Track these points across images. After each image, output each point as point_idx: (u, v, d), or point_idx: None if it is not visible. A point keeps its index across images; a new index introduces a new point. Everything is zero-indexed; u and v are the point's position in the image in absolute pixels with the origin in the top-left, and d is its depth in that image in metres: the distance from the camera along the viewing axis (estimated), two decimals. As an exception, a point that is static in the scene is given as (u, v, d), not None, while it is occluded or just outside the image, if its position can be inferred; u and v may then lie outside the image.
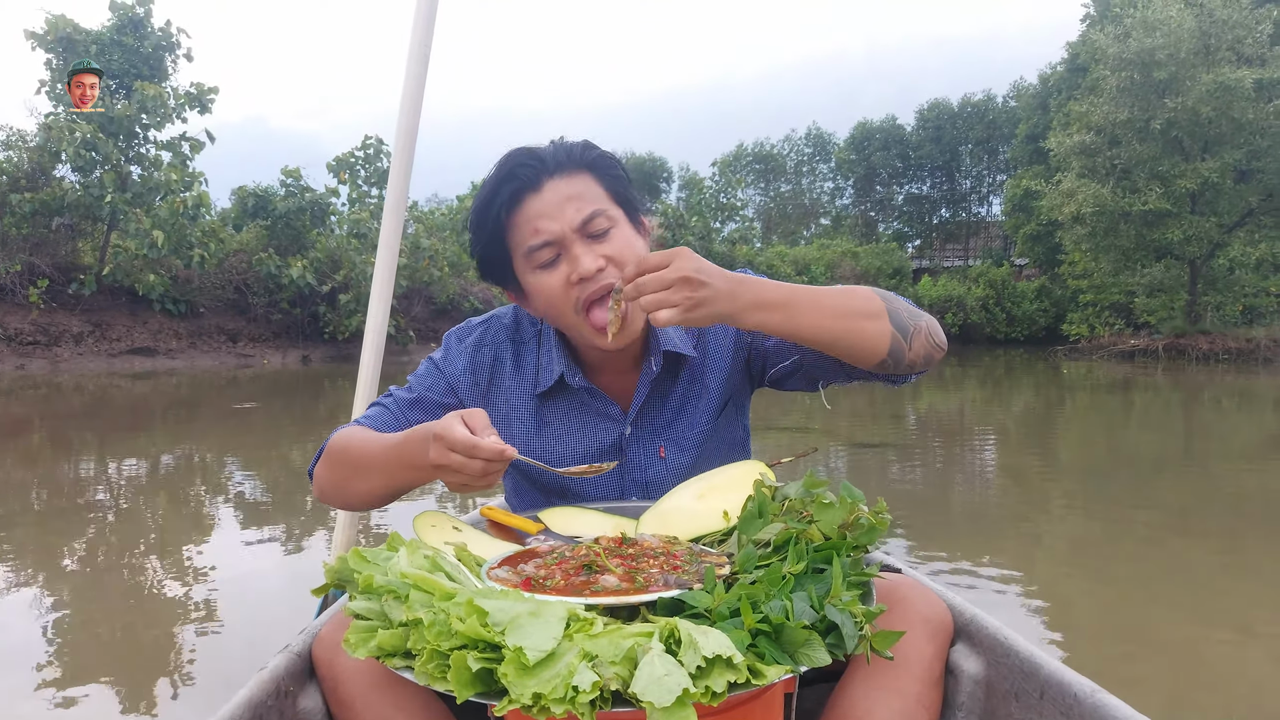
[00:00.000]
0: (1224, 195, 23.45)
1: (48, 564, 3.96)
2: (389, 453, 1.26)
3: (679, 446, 1.52)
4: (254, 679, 1.15)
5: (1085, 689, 1.13)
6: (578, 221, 1.32)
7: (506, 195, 1.33)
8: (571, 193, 1.33)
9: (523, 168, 1.33)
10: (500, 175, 1.35)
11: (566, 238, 1.32)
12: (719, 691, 0.80)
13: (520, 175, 1.33)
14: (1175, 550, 4.38)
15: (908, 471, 6.66)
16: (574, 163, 1.35)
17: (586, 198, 1.34)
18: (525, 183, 1.33)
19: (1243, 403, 13.04)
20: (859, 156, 46.71)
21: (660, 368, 1.48)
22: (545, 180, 1.33)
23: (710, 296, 1.17)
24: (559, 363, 1.47)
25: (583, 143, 1.39)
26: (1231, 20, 22.01)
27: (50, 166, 18.43)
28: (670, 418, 1.51)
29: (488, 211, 1.35)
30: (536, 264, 1.34)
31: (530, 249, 1.34)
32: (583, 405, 1.50)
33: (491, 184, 1.36)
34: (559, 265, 1.34)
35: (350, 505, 1.42)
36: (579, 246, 1.32)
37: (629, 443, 1.50)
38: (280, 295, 20.50)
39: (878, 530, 1.10)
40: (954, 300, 32.83)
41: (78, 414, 10.48)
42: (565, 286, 1.33)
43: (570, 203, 1.32)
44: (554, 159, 1.34)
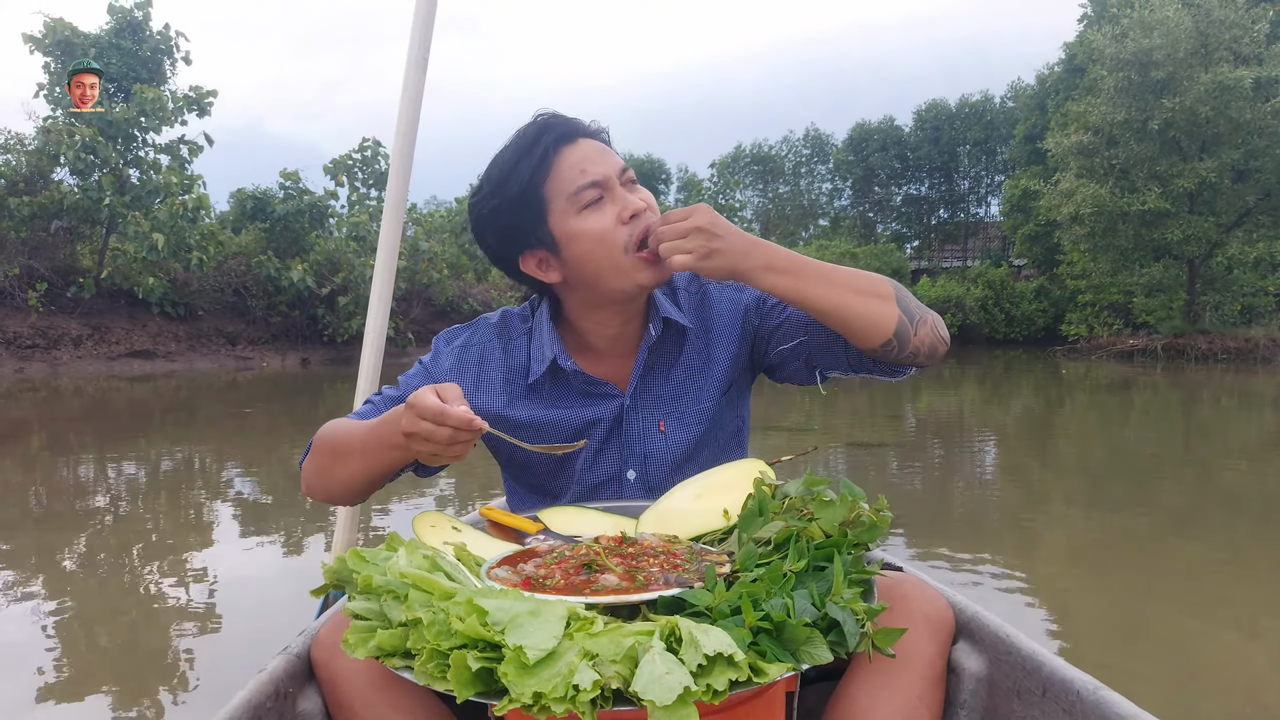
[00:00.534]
0: (1222, 195, 23.46)
1: (47, 567, 3.96)
2: (367, 435, 1.30)
3: (680, 422, 1.52)
4: (253, 681, 1.14)
5: (1088, 686, 1.13)
6: (618, 168, 1.39)
7: (551, 140, 1.36)
8: (602, 149, 1.40)
9: (557, 121, 1.39)
10: (537, 128, 1.38)
11: (611, 180, 1.37)
12: (720, 690, 0.80)
13: (557, 127, 1.38)
14: (1175, 549, 4.38)
15: (907, 471, 6.66)
16: (593, 133, 1.42)
17: (614, 155, 1.41)
18: (565, 134, 1.38)
19: (1241, 402, 13.05)
20: (857, 157, 46.69)
21: (659, 333, 1.49)
22: (579, 137, 1.39)
23: (723, 249, 1.26)
24: (551, 348, 1.47)
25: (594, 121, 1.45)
26: (1228, 20, 22.03)
27: (49, 170, 18.41)
28: (673, 392, 1.52)
29: (524, 160, 1.37)
30: (582, 204, 1.36)
31: (578, 189, 1.35)
32: (577, 390, 1.50)
33: (528, 137, 1.38)
34: (604, 206, 1.36)
35: (333, 494, 1.43)
36: (621, 191, 1.38)
37: (628, 414, 1.50)
38: (279, 298, 20.49)
39: (879, 528, 1.10)
40: (953, 301, 32.81)
41: (77, 417, 10.47)
42: (615, 224, 1.36)
43: (605, 154, 1.39)
44: (579, 124, 1.41)
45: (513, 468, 1.60)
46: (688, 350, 1.53)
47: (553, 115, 1.41)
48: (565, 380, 1.49)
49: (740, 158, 48.86)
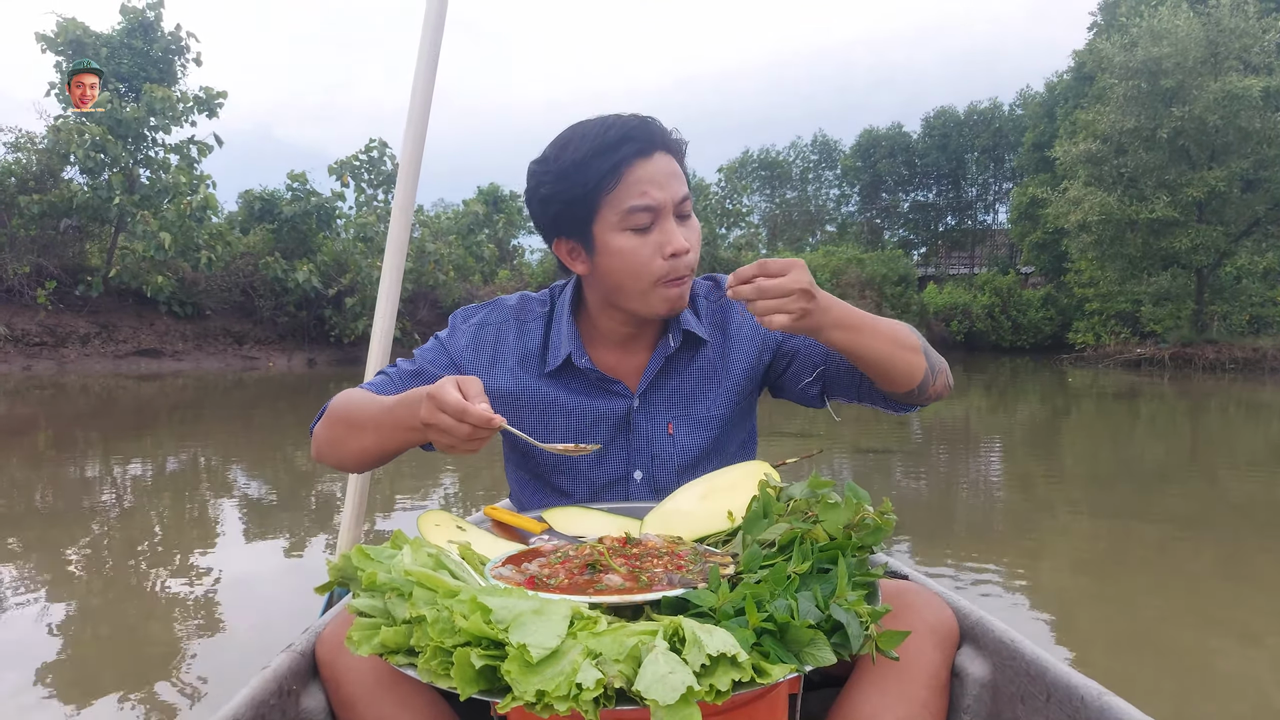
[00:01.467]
0: (1231, 204, 23.41)
1: (53, 564, 3.97)
2: (383, 413, 1.29)
3: (689, 426, 1.52)
4: (256, 678, 1.14)
5: (1092, 691, 1.13)
6: (678, 197, 1.37)
7: (627, 153, 1.33)
8: (673, 170, 1.38)
9: (642, 131, 1.35)
10: (618, 134, 1.34)
11: (666, 209, 1.35)
12: (723, 690, 0.80)
13: (639, 137, 1.34)
14: (1181, 558, 4.37)
15: (913, 477, 6.65)
16: (672, 147, 1.39)
17: (682, 179, 1.39)
18: (644, 146, 1.35)
19: (1249, 412, 13.00)
20: (865, 164, 46.69)
21: (678, 345, 1.50)
22: (657, 149, 1.36)
23: (815, 310, 1.25)
24: (569, 343, 1.48)
25: (675, 130, 1.42)
26: (1238, 29, 21.99)
27: (59, 168, 18.50)
28: (684, 396, 1.53)
29: (595, 163, 1.34)
30: (631, 225, 1.35)
31: (632, 208, 1.34)
32: (589, 384, 1.51)
33: (607, 137, 1.34)
34: (649, 233, 1.36)
35: (344, 463, 1.44)
36: (670, 223, 1.36)
37: (636, 415, 1.51)
38: (286, 298, 20.55)
39: (883, 530, 1.09)
40: (960, 308, 32.78)
41: (84, 415, 10.50)
42: (652, 256, 1.36)
43: (674, 178, 1.37)
44: (662, 134, 1.38)
45: (515, 456, 1.61)
46: (701, 358, 1.54)
47: (638, 124, 1.36)
48: (579, 373, 1.51)
49: (748, 163, 48.87)
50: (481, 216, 25.53)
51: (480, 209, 25.73)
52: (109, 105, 18.25)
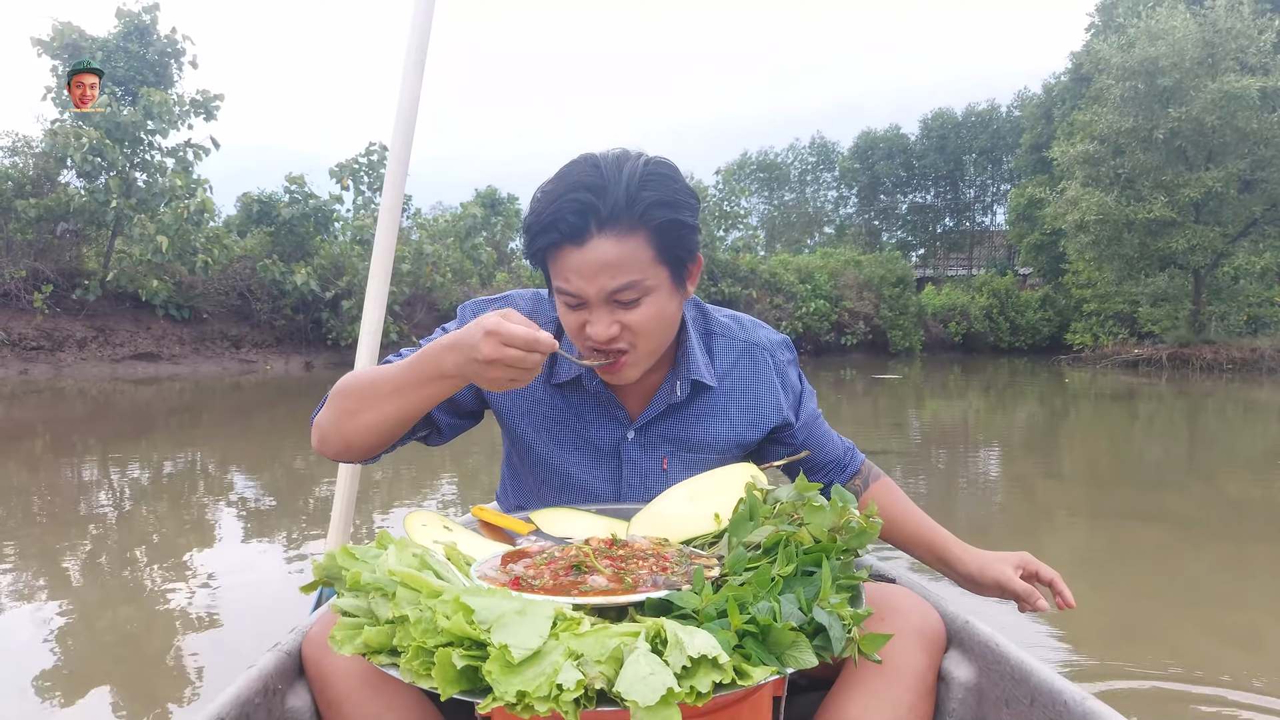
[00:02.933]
0: (1228, 204, 23.47)
1: (49, 568, 3.97)
2: (402, 372, 1.26)
3: (684, 465, 1.51)
4: (242, 677, 1.15)
5: (1075, 696, 1.13)
6: (608, 289, 1.28)
7: (551, 240, 1.29)
8: (611, 258, 1.26)
9: (575, 216, 1.26)
10: (549, 218, 1.27)
11: (591, 298, 1.30)
12: (704, 691, 0.80)
13: (565, 228, 1.26)
14: (1180, 560, 4.37)
15: (911, 479, 6.65)
16: (632, 218, 1.26)
17: (625, 266, 1.27)
18: (569, 235, 1.27)
19: (1247, 413, 13.01)
20: (863, 165, 46.79)
21: (685, 394, 1.49)
22: (590, 237, 1.26)
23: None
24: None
25: (655, 197, 1.27)
26: (1235, 30, 22.05)
27: (56, 172, 18.48)
28: (683, 434, 1.51)
29: (533, 241, 1.32)
30: (561, 299, 1.35)
31: (557, 288, 1.33)
32: (594, 403, 1.50)
33: (540, 220, 1.29)
34: (580, 310, 1.33)
35: (352, 441, 1.35)
36: (600, 310, 1.31)
37: (631, 446, 1.50)
38: (284, 301, 20.54)
39: (868, 534, 1.10)
40: (958, 309, 32.81)
41: (81, 419, 10.50)
42: (578, 330, 1.35)
43: (606, 270, 1.27)
44: (611, 209, 1.25)
45: (515, 457, 1.61)
46: (707, 400, 1.52)
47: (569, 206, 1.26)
48: (584, 390, 1.49)
49: (746, 165, 48.95)
50: (479, 219, 25.52)
51: (478, 212, 25.72)
52: (106, 109, 18.24)
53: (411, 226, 24.31)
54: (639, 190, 1.26)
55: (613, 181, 1.26)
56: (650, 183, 1.28)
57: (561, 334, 1.50)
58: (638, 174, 1.27)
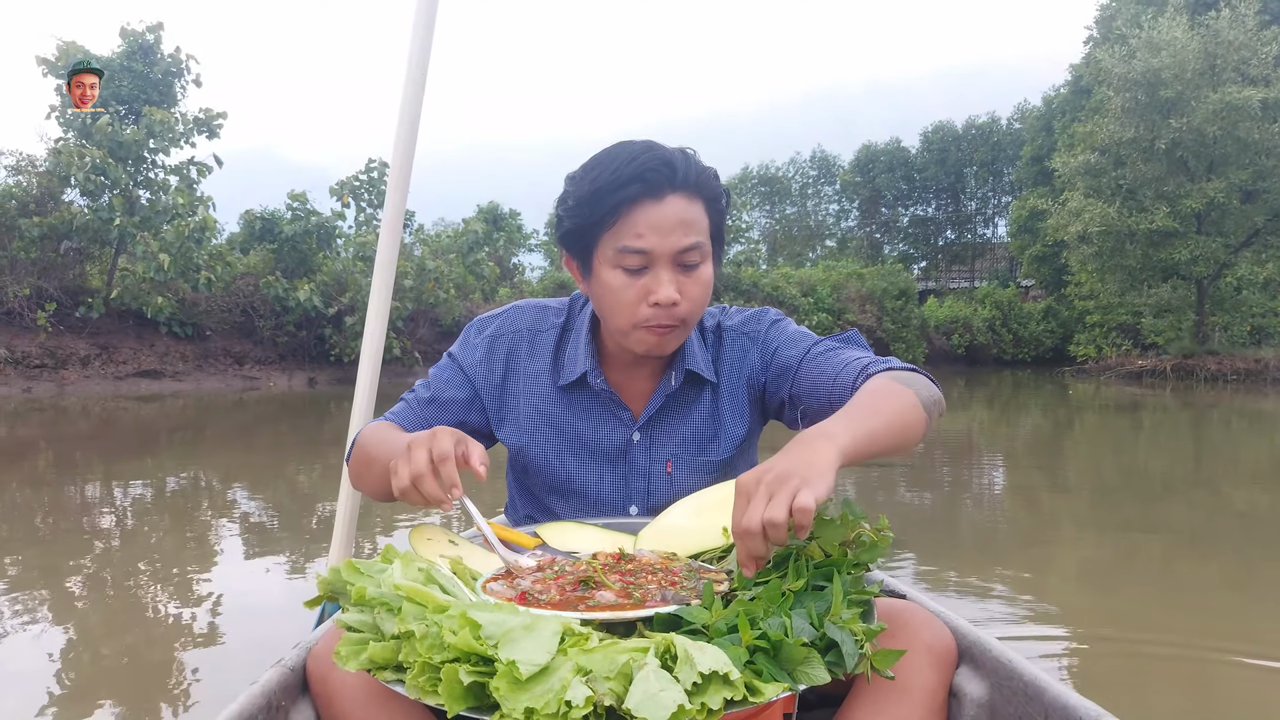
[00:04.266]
0: (1230, 215, 23.43)
1: (53, 585, 3.95)
2: (390, 451, 1.30)
3: (689, 468, 1.52)
4: (244, 693, 1.13)
5: (1090, 713, 1.11)
6: (679, 247, 1.32)
7: (631, 193, 1.31)
8: (685, 216, 1.33)
9: (654, 173, 1.31)
10: (631, 171, 1.31)
11: (661, 257, 1.32)
12: (715, 709, 0.79)
13: (650, 179, 1.31)
14: (1186, 572, 4.34)
15: (916, 492, 6.62)
16: (696, 187, 1.35)
17: (694, 227, 1.34)
18: (652, 188, 1.31)
19: (1252, 423, 12.97)
20: (864, 179, 46.87)
21: (679, 384, 1.49)
22: (668, 194, 1.32)
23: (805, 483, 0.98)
24: (585, 360, 1.48)
25: (712, 170, 1.38)
26: (1237, 41, 22.08)
27: (59, 191, 18.54)
28: (687, 437, 1.52)
29: (604, 197, 1.32)
30: (622, 264, 1.34)
31: (624, 248, 1.32)
32: (599, 404, 1.51)
33: (620, 173, 1.31)
34: (641, 276, 1.34)
35: (372, 495, 1.46)
36: (667, 271, 1.33)
37: (636, 449, 1.51)
38: (286, 318, 20.56)
39: (879, 548, 1.08)
40: (960, 321, 32.77)
41: (84, 436, 10.49)
42: (638, 300, 1.34)
43: (680, 226, 1.32)
44: (683, 175, 1.33)
45: (517, 469, 1.61)
46: (706, 399, 1.53)
47: (650, 163, 1.31)
48: (590, 391, 1.51)
49: (747, 179, 49.05)
50: (482, 235, 25.58)
51: (480, 227, 25.78)
52: (109, 128, 18.32)
53: (414, 242, 24.36)
54: (699, 170, 1.36)
55: (678, 155, 1.34)
56: (703, 165, 1.38)
57: (572, 335, 1.52)
58: (692, 156, 1.37)
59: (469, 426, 1.52)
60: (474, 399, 1.54)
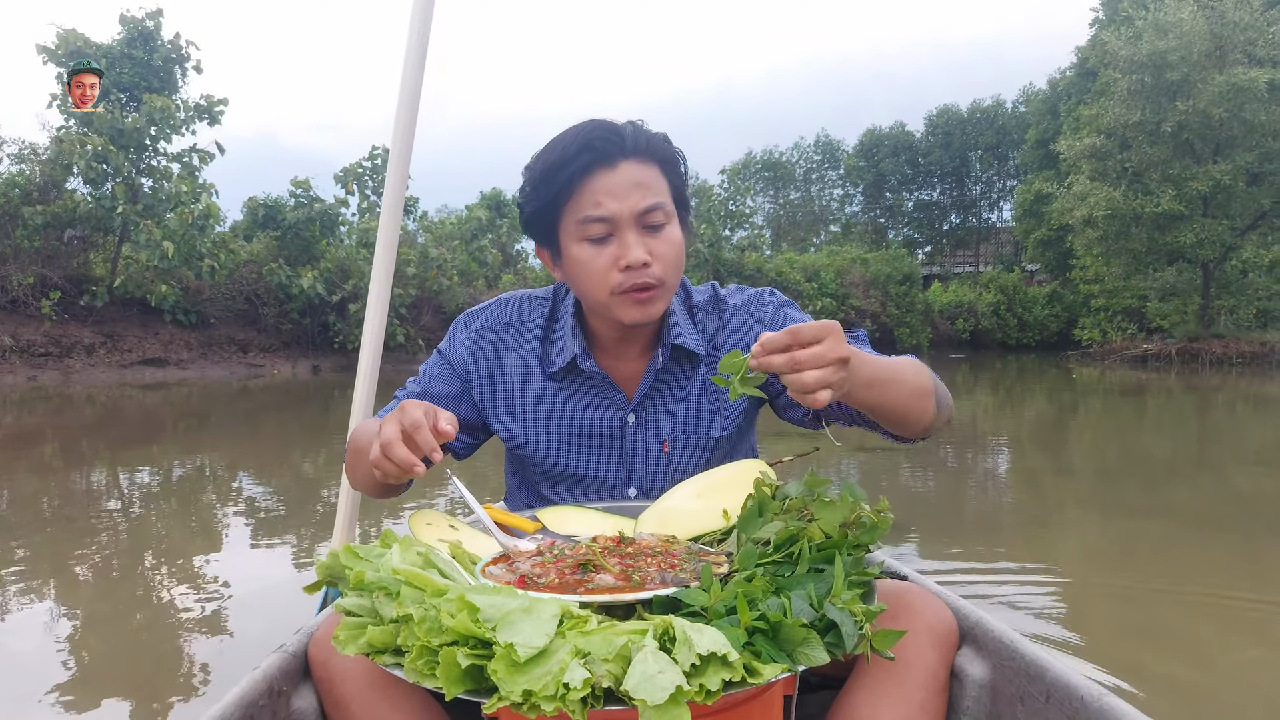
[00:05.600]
0: (1236, 198, 23.32)
1: (59, 572, 3.97)
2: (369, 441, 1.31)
3: (686, 447, 1.51)
4: (246, 678, 1.14)
5: (1092, 693, 1.11)
6: (640, 208, 1.34)
7: (582, 163, 1.32)
8: (640, 179, 1.34)
9: (603, 141, 1.33)
10: (579, 142, 1.33)
11: (623, 220, 1.33)
12: (713, 690, 0.78)
13: (598, 147, 1.33)
14: (1191, 555, 4.34)
15: (920, 475, 6.62)
16: (649, 152, 1.36)
17: (652, 188, 1.35)
18: (602, 155, 1.33)
19: (1258, 407, 12.94)
20: (868, 163, 46.72)
21: (667, 359, 1.49)
22: (620, 160, 1.33)
23: (850, 377, 1.07)
24: (574, 345, 1.48)
25: (662, 135, 1.40)
26: (1243, 22, 21.93)
27: (62, 179, 18.53)
28: (682, 416, 1.51)
29: (556, 173, 1.34)
30: (585, 235, 1.35)
31: (585, 219, 1.34)
32: (591, 388, 1.51)
33: (568, 148, 1.34)
34: (608, 244, 1.35)
35: (364, 489, 1.49)
36: (632, 234, 1.34)
37: (632, 430, 1.51)
38: (290, 305, 20.57)
39: (879, 529, 1.08)
40: (965, 306, 32.72)
41: (90, 425, 10.52)
42: (608, 268, 1.35)
43: (637, 189, 1.34)
44: (633, 141, 1.34)
45: (513, 460, 1.62)
46: (699, 376, 1.52)
47: (596, 133, 1.34)
48: (582, 376, 1.51)
49: (751, 164, 48.89)
50: (485, 222, 25.56)
51: (483, 214, 25.76)
52: (110, 116, 18.28)
53: (417, 229, 24.34)
54: (649, 135, 1.38)
55: (626, 125, 1.37)
56: (653, 131, 1.40)
57: (559, 321, 1.52)
58: (640, 124, 1.39)
59: (466, 420, 1.54)
60: (463, 393, 1.54)
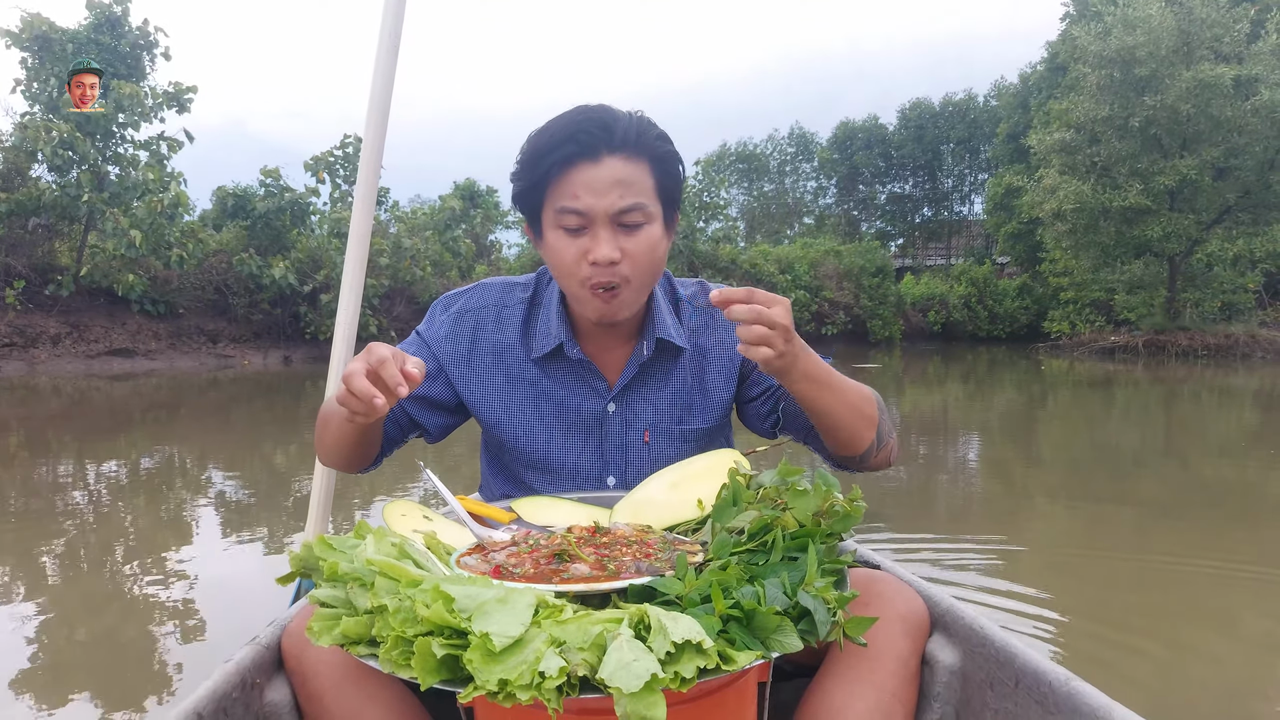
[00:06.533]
0: (1202, 192, 23.63)
1: (25, 565, 3.92)
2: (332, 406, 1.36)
3: (667, 438, 1.52)
4: (218, 670, 1.13)
5: (1060, 677, 1.13)
6: (616, 208, 1.33)
7: (565, 154, 1.32)
8: (622, 176, 1.33)
9: (588, 134, 1.32)
10: (566, 133, 1.32)
11: (598, 217, 1.33)
12: (688, 677, 0.79)
13: (583, 140, 1.32)
14: (1157, 544, 4.41)
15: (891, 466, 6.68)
16: (639, 148, 1.35)
17: (634, 187, 1.34)
18: (585, 149, 1.32)
19: (1222, 398, 13.15)
20: (841, 156, 46.84)
21: (651, 353, 1.49)
22: (604, 155, 1.32)
23: (791, 353, 1.22)
24: (559, 332, 1.48)
25: (658, 132, 1.38)
26: (1210, 19, 22.20)
27: (26, 166, 18.18)
28: (664, 407, 1.52)
29: (540, 160, 1.34)
30: (561, 224, 1.35)
31: (562, 209, 1.34)
32: (574, 375, 1.51)
33: (555, 135, 1.33)
34: (580, 236, 1.35)
35: (332, 460, 1.51)
36: (605, 231, 1.34)
37: (612, 419, 1.51)
38: (261, 296, 20.34)
39: (852, 517, 1.09)
40: (936, 298, 32.95)
41: (56, 416, 10.37)
42: (578, 259, 1.35)
43: (617, 187, 1.32)
44: (622, 136, 1.33)
45: (491, 448, 1.62)
46: (682, 369, 1.53)
47: (585, 124, 1.32)
48: (566, 363, 1.51)
49: (725, 156, 48.88)
50: (458, 212, 25.39)
51: (457, 204, 25.59)
52: (77, 102, 17.96)
53: (390, 220, 24.15)
54: (643, 126, 1.36)
55: (621, 117, 1.35)
56: (650, 124, 1.38)
57: (543, 307, 1.52)
58: (637, 116, 1.38)
59: (431, 399, 1.54)
60: (439, 372, 1.54)
